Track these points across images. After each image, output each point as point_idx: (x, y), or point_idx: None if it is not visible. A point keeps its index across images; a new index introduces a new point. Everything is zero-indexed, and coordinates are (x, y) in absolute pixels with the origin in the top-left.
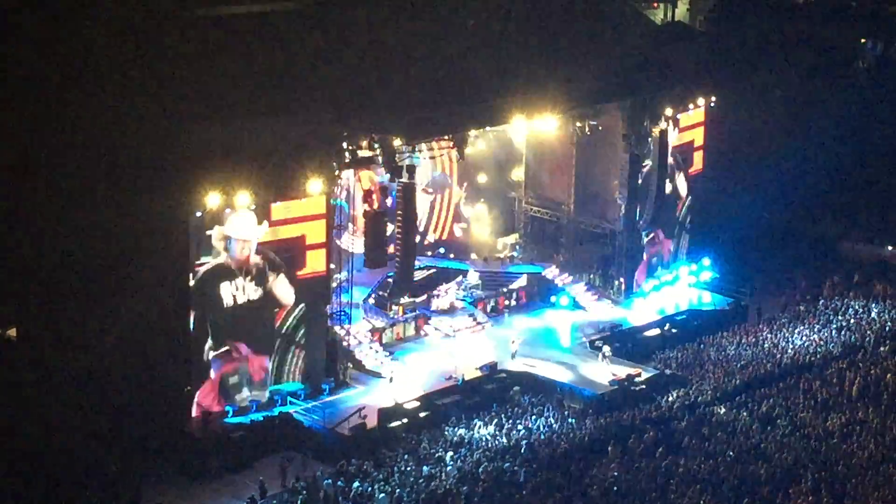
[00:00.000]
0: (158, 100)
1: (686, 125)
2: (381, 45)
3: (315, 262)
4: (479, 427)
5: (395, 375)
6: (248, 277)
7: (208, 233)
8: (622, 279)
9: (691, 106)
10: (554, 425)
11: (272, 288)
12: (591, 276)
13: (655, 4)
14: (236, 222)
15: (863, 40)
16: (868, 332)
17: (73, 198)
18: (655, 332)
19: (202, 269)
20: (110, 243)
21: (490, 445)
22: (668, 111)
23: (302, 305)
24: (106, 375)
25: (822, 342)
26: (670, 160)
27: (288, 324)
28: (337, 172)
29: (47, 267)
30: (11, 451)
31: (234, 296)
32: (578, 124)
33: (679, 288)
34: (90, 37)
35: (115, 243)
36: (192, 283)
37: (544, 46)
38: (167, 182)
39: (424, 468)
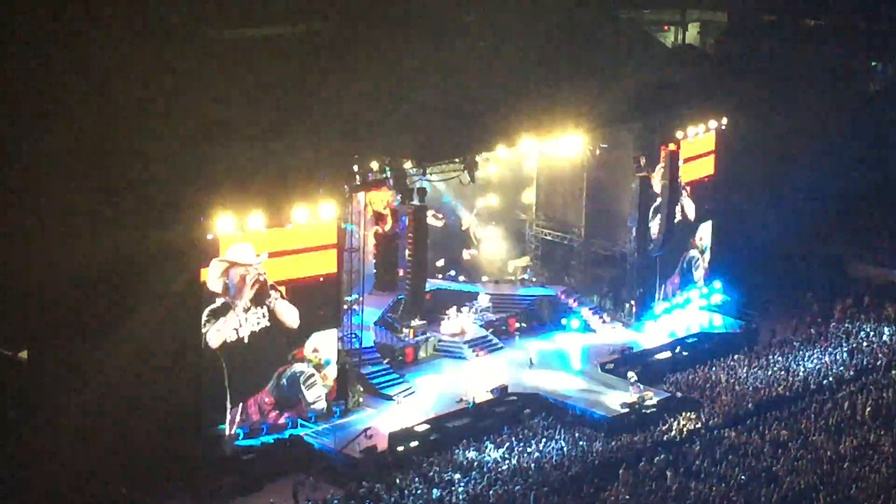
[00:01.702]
0: (170, 122)
1: (697, 153)
2: (392, 68)
3: (327, 285)
4: (490, 450)
5: (403, 399)
6: (249, 309)
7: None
8: (633, 302)
9: (702, 128)
10: (564, 448)
11: (275, 308)
12: (602, 298)
13: (666, 27)
14: (235, 250)
15: (873, 63)
16: (880, 355)
17: (84, 220)
18: (666, 354)
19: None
20: (122, 266)
21: (500, 468)
22: (679, 133)
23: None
24: (116, 398)
25: (833, 365)
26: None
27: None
28: (348, 195)
29: (58, 289)
30: (21, 472)
31: (235, 330)
32: (589, 147)
33: (690, 310)
34: (104, 57)
35: (126, 266)
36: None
37: (555, 69)
38: (179, 204)
39: (435, 491)
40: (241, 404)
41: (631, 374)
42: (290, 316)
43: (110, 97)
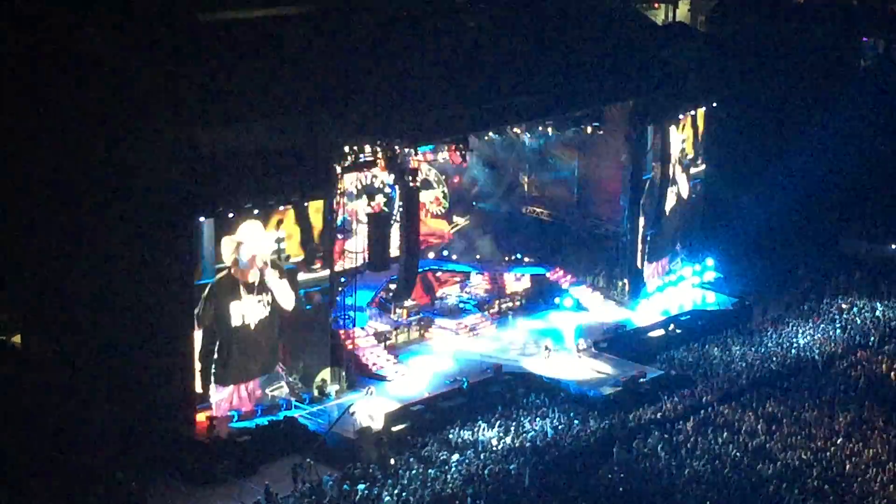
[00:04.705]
0: (162, 104)
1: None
2: (383, 49)
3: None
4: (484, 429)
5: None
6: (254, 291)
7: (224, 239)
8: (626, 280)
9: (693, 106)
10: (559, 427)
11: (275, 294)
12: (595, 277)
13: (657, 5)
14: (246, 230)
15: (864, 39)
16: (872, 331)
17: (76, 204)
18: (660, 332)
19: (213, 281)
20: (114, 249)
21: (495, 447)
22: (670, 111)
23: None
24: (110, 381)
25: (826, 341)
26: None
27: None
28: (339, 175)
29: (51, 274)
30: (16, 458)
31: (242, 315)
32: (581, 126)
33: (683, 288)
34: (93, 41)
35: (119, 249)
36: (203, 296)
37: (547, 48)
38: (170, 187)
39: (430, 471)
40: (231, 387)
41: (581, 341)
42: (286, 299)
43: (100, 82)
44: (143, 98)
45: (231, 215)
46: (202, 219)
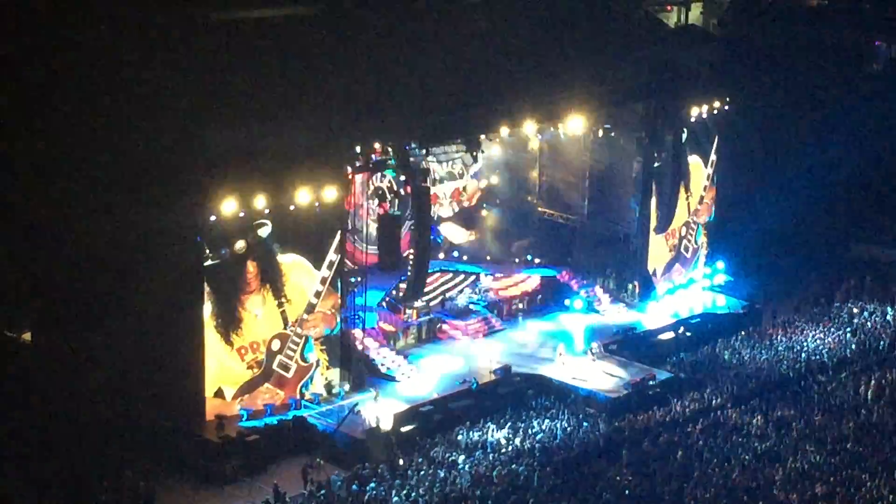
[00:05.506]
0: (173, 105)
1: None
2: (395, 49)
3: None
4: (493, 430)
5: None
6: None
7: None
8: (636, 282)
9: (705, 108)
10: (568, 428)
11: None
12: (605, 279)
13: (669, 8)
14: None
15: (876, 43)
16: (882, 335)
17: (87, 203)
18: (670, 335)
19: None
20: (125, 248)
21: (504, 449)
22: (682, 114)
23: None
24: (120, 380)
25: (836, 345)
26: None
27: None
28: (350, 177)
29: (62, 272)
30: (25, 454)
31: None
32: (593, 128)
33: (693, 291)
34: (104, 41)
35: (130, 248)
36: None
37: (559, 51)
38: (182, 187)
39: (439, 472)
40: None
41: (594, 344)
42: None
43: (112, 81)
44: (156, 98)
45: (242, 215)
46: (213, 218)
